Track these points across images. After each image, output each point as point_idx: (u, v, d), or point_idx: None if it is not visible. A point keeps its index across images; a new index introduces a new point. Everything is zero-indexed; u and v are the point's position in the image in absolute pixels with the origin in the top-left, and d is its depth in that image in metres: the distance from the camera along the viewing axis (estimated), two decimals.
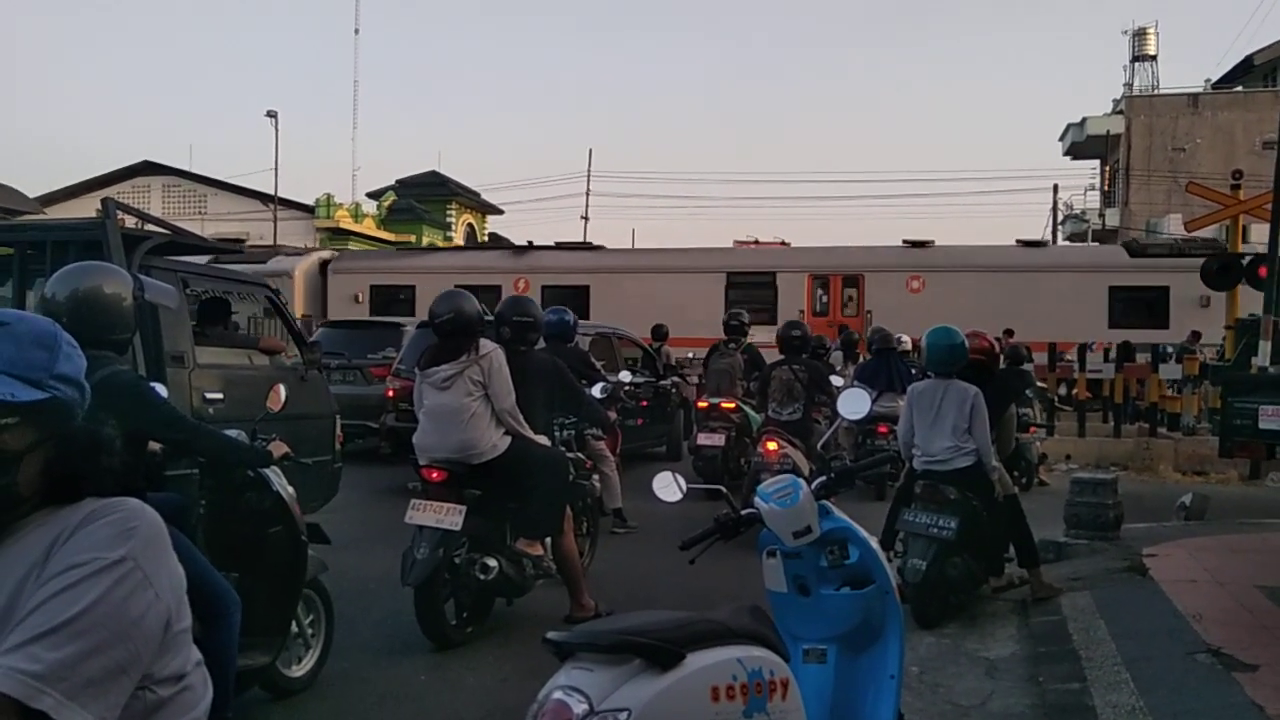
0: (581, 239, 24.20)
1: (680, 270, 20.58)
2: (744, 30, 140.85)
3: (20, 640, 1.13)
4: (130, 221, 6.67)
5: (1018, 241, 20.88)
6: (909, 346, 11.30)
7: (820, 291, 20.39)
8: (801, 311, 19.34)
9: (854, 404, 3.85)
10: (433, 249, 23.68)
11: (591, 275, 20.75)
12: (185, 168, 35.04)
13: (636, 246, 22.29)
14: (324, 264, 22.71)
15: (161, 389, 3.83)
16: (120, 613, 1.19)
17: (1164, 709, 3.91)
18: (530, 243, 22.55)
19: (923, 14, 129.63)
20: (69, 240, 5.63)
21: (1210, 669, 4.34)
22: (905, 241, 20.70)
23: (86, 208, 26.57)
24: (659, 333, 14.53)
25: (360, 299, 21.59)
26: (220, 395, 5.75)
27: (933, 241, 20.50)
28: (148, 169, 34.62)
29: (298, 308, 21.21)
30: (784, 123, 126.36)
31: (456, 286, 22.36)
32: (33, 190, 30.72)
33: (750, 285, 20.44)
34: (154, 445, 3.64)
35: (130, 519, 1.27)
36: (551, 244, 22.47)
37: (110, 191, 29.76)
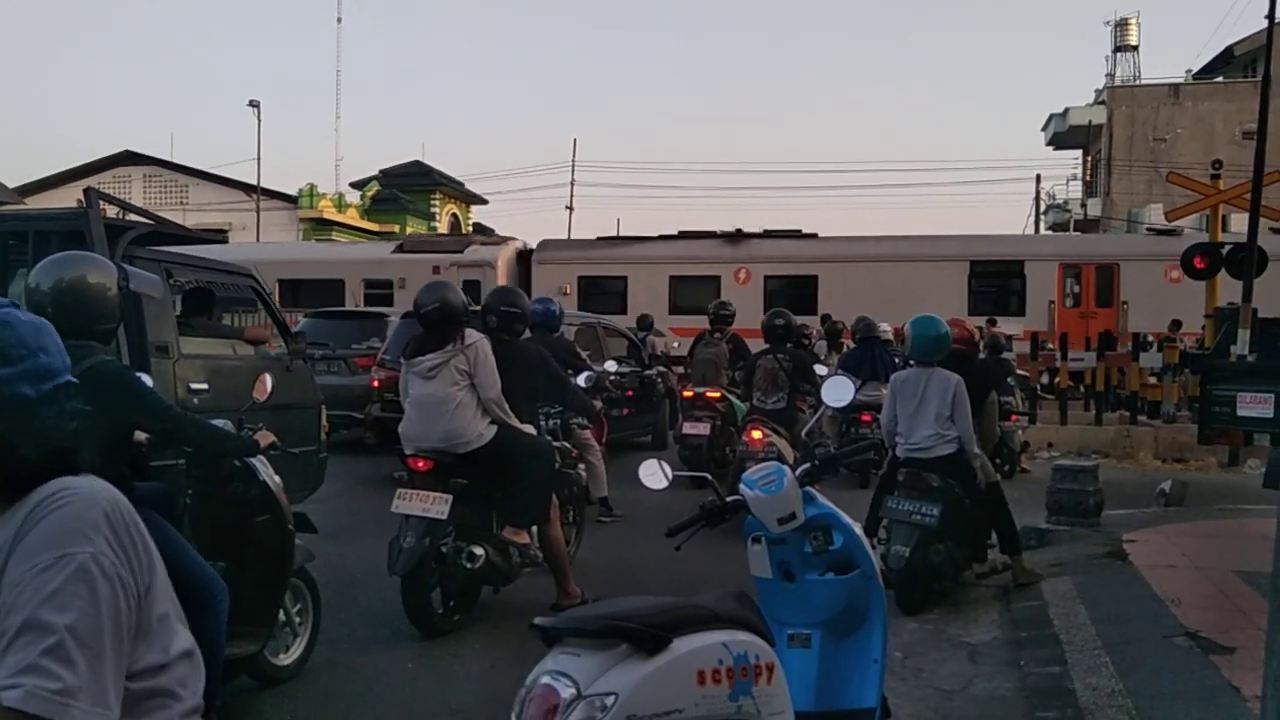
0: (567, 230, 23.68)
1: (919, 259, 19.33)
2: (728, 21, 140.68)
3: (28, 660, 1.11)
4: (113, 211, 6.63)
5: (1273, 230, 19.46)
6: (891, 335, 11.37)
7: (1071, 281, 19.04)
8: (1052, 303, 18.48)
9: (838, 392, 3.89)
10: (646, 238, 21.74)
11: (820, 265, 19.62)
12: (166, 158, 34.83)
13: (865, 235, 20.57)
14: (522, 253, 21.26)
15: (147, 379, 3.83)
16: (111, 610, 1.19)
17: (1143, 691, 3.97)
18: (739, 230, 21.01)
19: (906, 4, 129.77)
20: (51, 230, 5.59)
21: (1188, 652, 4.41)
22: (1150, 230, 19.65)
23: (66, 198, 26.36)
24: (644, 323, 14.55)
25: (568, 291, 20.14)
26: (205, 385, 5.73)
27: (1181, 230, 18.81)
28: (128, 159, 34.37)
29: None
30: (767, 113, 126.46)
31: (673, 278, 19.57)
32: (11, 181, 30.49)
33: (995, 275, 19.30)
34: (140, 435, 3.64)
35: (82, 510, 1.22)
36: (760, 231, 21.04)
37: (91, 182, 29.45)
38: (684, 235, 21.47)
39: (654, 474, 3.25)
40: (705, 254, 20.52)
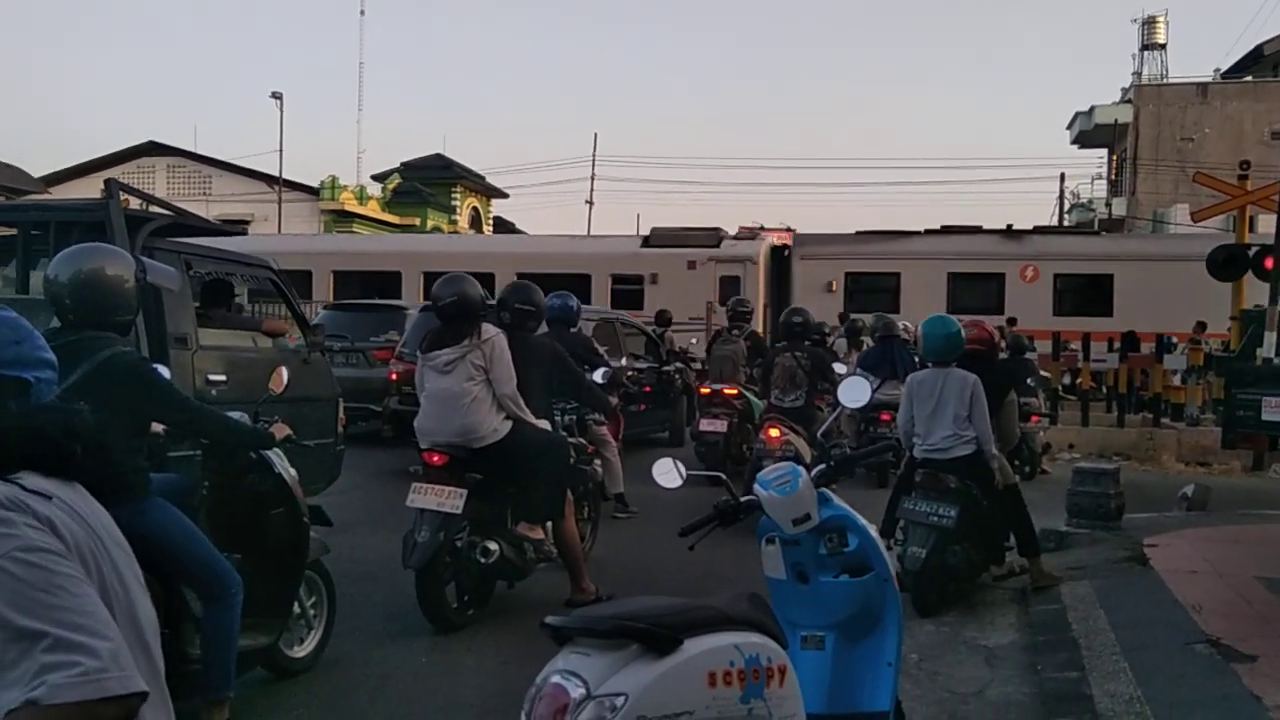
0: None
1: None
2: (751, 15, 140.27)
3: (36, 664, 1.07)
4: (136, 202, 6.67)
5: None
6: (909, 336, 11.28)
7: None
8: None
9: (855, 392, 3.85)
10: (913, 232, 20.25)
11: (1116, 263, 18.28)
12: (190, 149, 35.04)
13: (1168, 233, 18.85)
14: (776, 248, 20.09)
15: (164, 371, 3.84)
16: (79, 586, 1.13)
17: (1161, 699, 3.92)
18: (1009, 226, 19.85)
19: (930, 1, 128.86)
20: (73, 221, 5.64)
21: (1209, 659, 4.35)
22: None
23: (91, 188, 26.57)
24: (662, 319, 14.52)
25: (834, 287, 19.14)
26: (223, 377, 5.76)
27: None
28: (153, 149, 34.60)
29: (759, 296, 18.54)
30: (791, 109, 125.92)
31: (951, 275, 18.45)
32: (37, 170, 30.79)
33: None
34: (157, 427, 3.65)
35: None
36: (1029, 228, 19.90)
37: (115, 172, 29.74)
38: (948, 230, 20.28)
39: (668, 473, 3.23)
40: (986, 250, 19.32)
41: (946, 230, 20.25)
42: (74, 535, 1.19)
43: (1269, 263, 11.01)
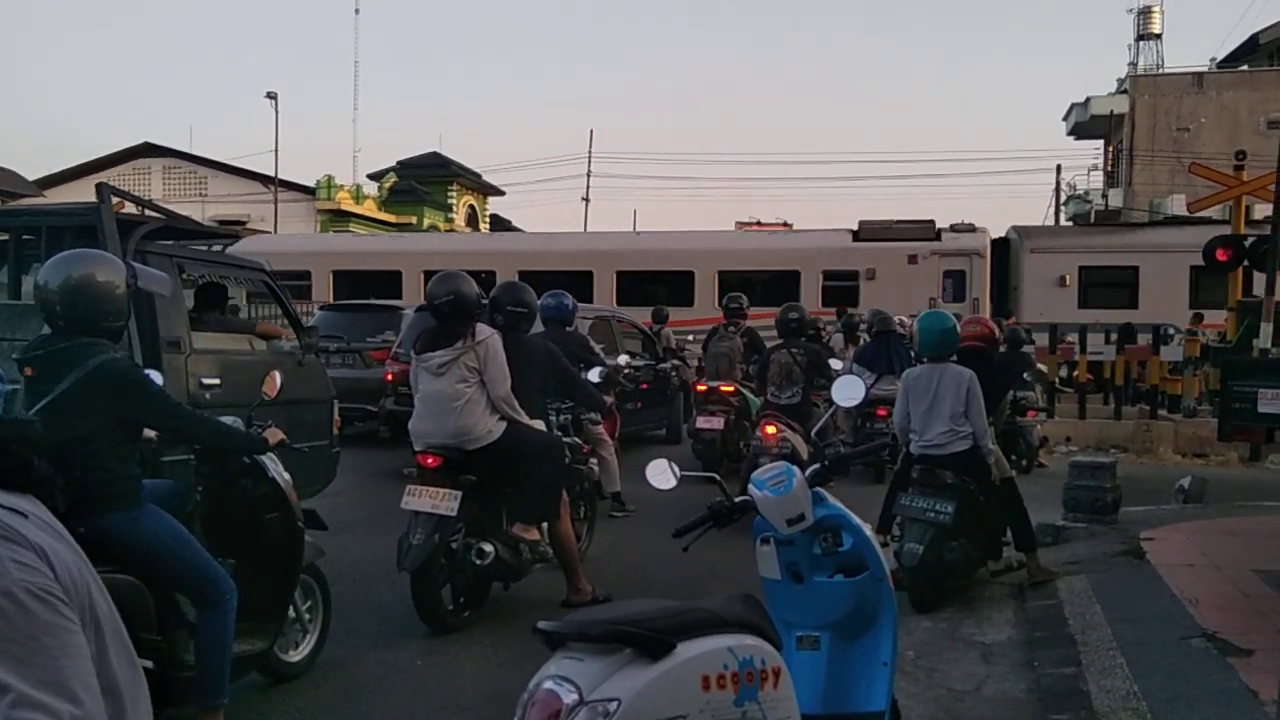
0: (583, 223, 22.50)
1: None
2: (743, 11, 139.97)
3: (5, 717, 1.02)
4: (130, 206, 6.65)
5: None
6: (906, 330, 11.27)
7: None
8: None
9: (849, 390, 3.85)
10: (1144, 223, 19.09)
11: None
12: (185, 149, 34.99)
13: None
14: (997, 241, 19.18)
15: (157, 376, 3.83)
16: (55, 633, 1.07)
17: (1158, 694, 3.92)
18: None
19: None
20: (64, 226, 5.62)
21: (1205, 654, 4.35)
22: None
23: (87, 190, 26.43)
24: (659, 316, 14.51)
25: (1067, 282, 18.15)
26: (217, 381, 5.74)
27: None
28: (148, 151, 34.56)
29: (985, 291, 17.90)
30: (784, 104, 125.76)
31: (1194, 269, 16.93)
32: (32, 173, 30.74)
33: None
34: (149, 432, 3.64)
35: None
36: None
37: (111, 174, 29.69)
38: (1177, 220, 18.99)
39: (662, 474, 3.23)
40: None
41: (1175, 220, 19.01)
42: (63, 561, 1.13)
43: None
